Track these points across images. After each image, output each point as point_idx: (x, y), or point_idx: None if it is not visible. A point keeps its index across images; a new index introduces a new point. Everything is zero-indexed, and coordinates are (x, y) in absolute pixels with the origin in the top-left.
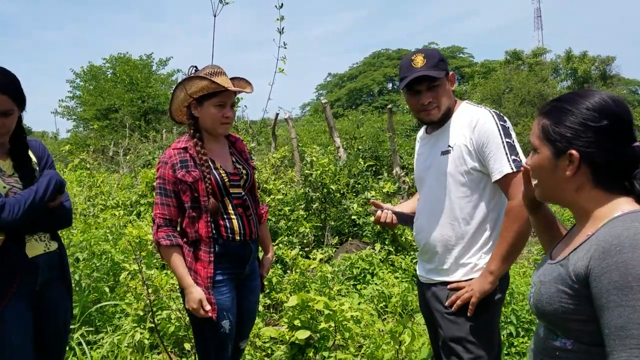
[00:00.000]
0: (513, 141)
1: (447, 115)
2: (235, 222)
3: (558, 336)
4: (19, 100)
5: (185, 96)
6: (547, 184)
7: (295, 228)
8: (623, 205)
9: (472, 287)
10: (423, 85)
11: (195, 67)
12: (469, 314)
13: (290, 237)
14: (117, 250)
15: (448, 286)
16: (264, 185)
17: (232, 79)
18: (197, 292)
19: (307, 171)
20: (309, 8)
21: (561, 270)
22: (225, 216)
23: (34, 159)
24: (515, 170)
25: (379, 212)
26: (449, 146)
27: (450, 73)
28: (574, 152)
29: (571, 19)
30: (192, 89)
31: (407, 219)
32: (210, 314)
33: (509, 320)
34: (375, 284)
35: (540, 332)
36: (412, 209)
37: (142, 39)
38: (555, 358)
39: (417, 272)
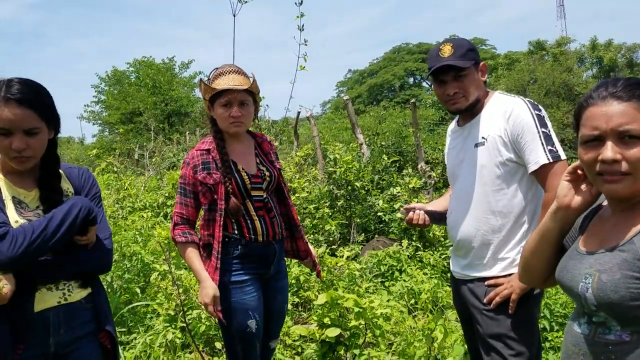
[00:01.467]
0: (549, 131)
1: (476, 105)
2: (257, 223)
3: (611, 330)
4: (48, 117)
5: (204, 99)
6: None
7: (321, 226)
8: None
9: (512, 284)
10: (449, 75)
11: (217, 68)
12: (510, 311)
13: (316, 235)
14: (147, 251)
15: (486, 282)
16: (288, 184)
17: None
18: (211, 288)
19: (330, 169)
20: (326, 6)
21: (625, 255)
22: (247, 218)
23: (70, 188)
24: (552, 160)
25: (410, 213)
26: (483, 138)
27: (482, 63)
28: None
29: (594, 6)
30: (202, 93)
31: (439, 218)
32: (218, 315)
33: (542, 314)
34: (404, 280)
35: (584, 329)
36: (443, 207)
37: (165, 42)
38: (606, 353)
39: (451, 268)
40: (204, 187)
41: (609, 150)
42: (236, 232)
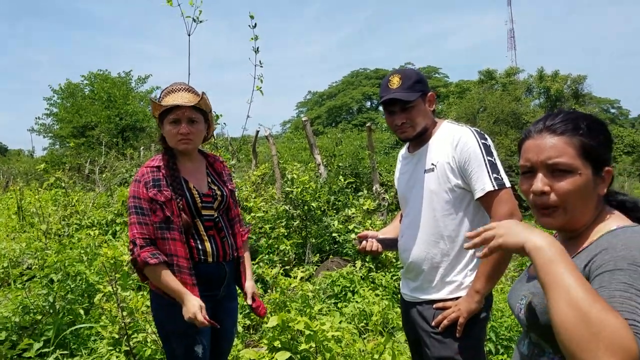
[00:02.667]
0: (494, 159)
1: (425, 134)
2: (207, 243)
3: (545, 352)
4: None
5: (155, 118)
6: (581, 205)
7: (276, 246)
8: (618, 219)
9: (459, 307)
10: (397, 106)
11: (167, 87)
12: (457, 334)
13: (271, 255)
14: (92, 271)
15: (434, 305)
16: (245, 203)
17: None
18: (196, 300)
19: (287, 188)
20: (291, 28)
21: None
22: (197, 238)
23: None
24: (497, 188)
25: (363, 242)
26: (432, 164)
27: (430, 93)
28: (610, 169)
29: (544, 38)
30: (152, 111)
31: (391, 244)
32: (207, 322)
33: (488, 337)
34: (356, 302)
35: (524, 350)
36: (394, 233)
37: (125, 58)
38: None
39: (401, 291)
40: (154, 205)
41: (538, 182)
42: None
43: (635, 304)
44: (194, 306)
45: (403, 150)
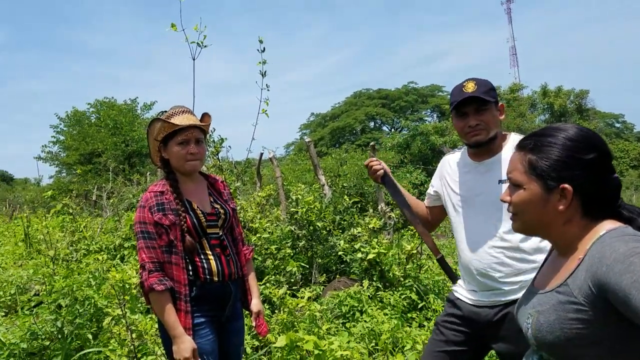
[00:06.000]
0: None
1: (494, 142)
2: (213, 262)
3: None
4: None
5: (153, 141)
6: (533, 218)
7: (282, 267)
8: (607, 224)
9: None
10: (471, 107)
11: (164, 111)
12: None
13: (278, 276)
14: (100, 295)
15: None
16: (250, 224)
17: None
18: (189, 342)
19: (292, 209)
20: (291, 51)
21: (560, 297)
22: (202, 257)
23: None
24: None
25: (374, 159)
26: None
27: (500, 104)
28: (567, 186)
29: (546, 54)
30: (154, 133)
31: (394, 188)
32: None
33: None
34: (365, 321)
35: None
36: (408, 197)
37: (127, 87)
38: None
39: (466, 296)
40: (160, 228)
41: (503, 192)
42: (191, 273)
43: None
44: (185, 350)
45: (456, 157)
